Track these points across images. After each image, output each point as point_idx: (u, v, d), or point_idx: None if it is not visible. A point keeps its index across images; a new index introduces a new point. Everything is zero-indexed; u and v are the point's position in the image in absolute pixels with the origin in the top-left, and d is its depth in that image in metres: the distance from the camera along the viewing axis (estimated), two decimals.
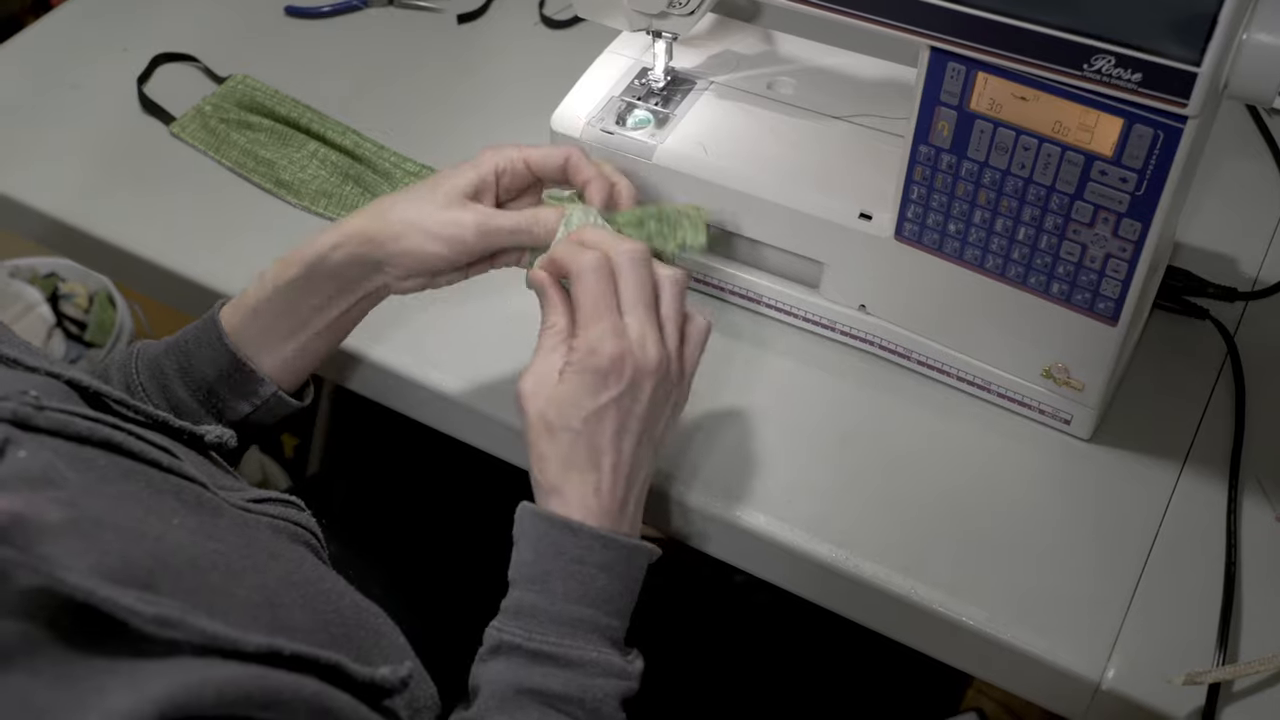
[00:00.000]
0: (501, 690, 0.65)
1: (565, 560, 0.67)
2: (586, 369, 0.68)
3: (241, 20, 1.19)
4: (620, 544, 0.68)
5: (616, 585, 0.68)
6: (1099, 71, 0.67)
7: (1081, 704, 0.74)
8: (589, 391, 0.68)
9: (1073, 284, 0.77)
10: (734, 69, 0.94)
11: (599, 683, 0.65)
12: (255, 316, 0.76)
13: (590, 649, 0.66)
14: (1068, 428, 0.84)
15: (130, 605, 0.44)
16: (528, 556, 0.68)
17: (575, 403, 0.69)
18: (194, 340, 0.77)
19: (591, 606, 0.67)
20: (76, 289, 1.80)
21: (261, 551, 0.59)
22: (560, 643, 0.66)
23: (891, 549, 0.78)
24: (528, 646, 0.66)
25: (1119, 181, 0.71)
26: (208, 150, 1.06)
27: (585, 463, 0.69)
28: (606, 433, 0.69)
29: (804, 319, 0.90)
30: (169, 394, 0.77)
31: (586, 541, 0.67)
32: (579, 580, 0.67)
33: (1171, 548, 0.78)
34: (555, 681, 0.65)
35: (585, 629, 0.67)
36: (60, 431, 0.56)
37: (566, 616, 0.67)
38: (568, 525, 0.67)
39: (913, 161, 0.78)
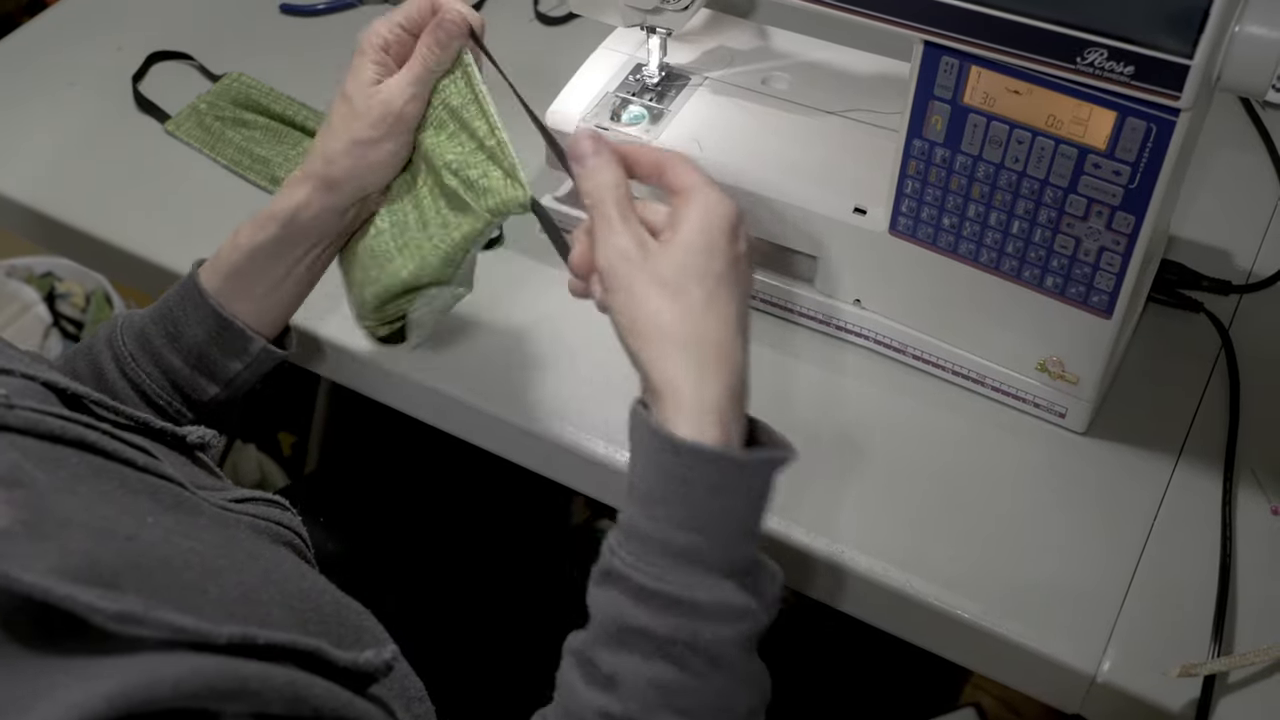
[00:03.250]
0: (608, 624, 0.59)
1: (674, 482, 0.58)
2: (713, 225, 0.61)
3: (236, 18, 1.19)
4: (732, 460, 0.59)
5: (733, 506, 0.59)
6: (1092, 65, 0.67)
7: (1077, 697, 0.74)
8: (725, 238, 0.61)
9: (1067, 277, 0.77)
10: (728, 64, 0.94)
11: (712, 628, 0.58)
12: (235, 277, 0.76)
13: (700, 586, 0.58)
14: (1063, 421, 0.84)
15: (90, 602, 0.44)
16: (638, 468, 0.60)
17: (708, 252, 0.61)
18: (178, 306, 0.77)
19: (701, 534, 0.58)
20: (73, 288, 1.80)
21: (240, 551, 0.58)
22: (664, 577, 0.58)
23: (887, 543, 0.78)
24: (635, 579, 0.58)
25: (1112, 175, 0.71)
26: (203, 148, 1.06)
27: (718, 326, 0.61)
28: (739, 293, 0.62)
29: (798, 314, 0.91)
30: (159, 361, 0.77)
31: (688, 460, 0.58)
32: (687, 505, 0.58)
33: (1167, 540, 0.78)
34: (660, 623, 0.58)
35: (695, 560, 0.58)
36: (31, 430, 0.55)
37: (674, 547, 0.58)
38: (670, 441, 0.58)
39: (907, 156, 0.78)
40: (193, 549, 0.54)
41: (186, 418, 0.78)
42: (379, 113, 0.73)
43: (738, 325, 0.62)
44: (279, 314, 0.79)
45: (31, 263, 1.81)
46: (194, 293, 0.76)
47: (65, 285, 1.80)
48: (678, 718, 0.58)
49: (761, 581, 0.61)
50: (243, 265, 0.76)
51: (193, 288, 0.76)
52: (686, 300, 0.60)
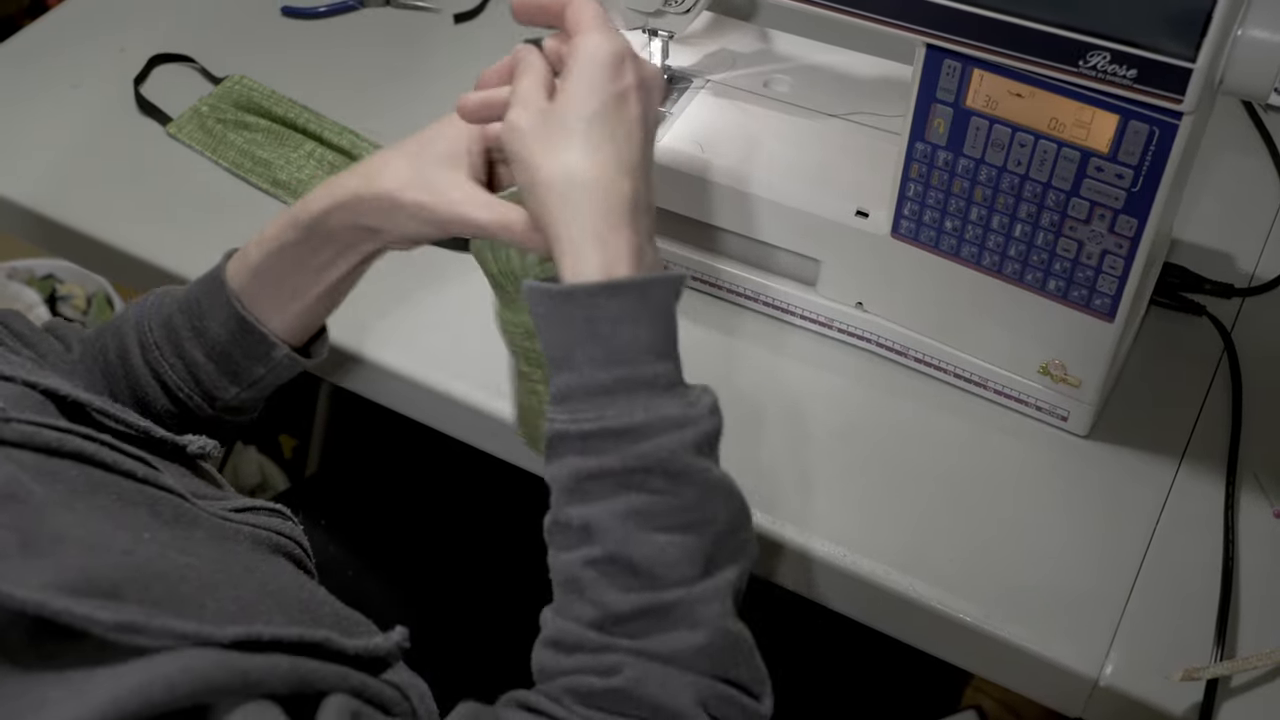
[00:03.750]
0: (567, 483, 0.61)
1: (576, 325, 0.60)
2: (590, 67, 0.64)
3: (238, 21, 1.19)
4: (625, 285, 0.61)
5: (643, 331, 0.61)
6: (1094, 68, 0.67)
7: (1079, 700, 0.74)
8: (605, 79, 0.63)
9: (1069, 281, 0.77)
10: (730, 67, 0.94)
11: (658, 442, 0.59)
12: (259, 277, 0.74)
13: (635, 411, 0.60)
14: (1064, 424, 0.84)
15: (88, 613, 0.43)
16: (546, 336, 0.62)
17: (586, 94, 0.63)
18: (204, 298, 0.75)
19: (623, 365, 0.60)
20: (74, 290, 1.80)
21: (237, 564, 0.58)
22: (602, 415, 0.60)
23: (889, 546, 0.78)
24: (574, 430, 0.60)
25: (1115, 178, 0.71)
26: (205, 151, 1.06)
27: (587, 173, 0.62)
28: (621, 128, 0.64)
29: (801, 317, 0.90)
30: (184, 355, 0.76)
31: (589, 300, 0.60)
32: (599, 342, 0.60)
33: (1169, 544, 0.78)
34: (611, 458, 0.59)
35: (626, 389, 0.60)
36: (27, 443, 0.55)
37: (599, 385, 0.60)
38: (560, 292, 0.61)
39: (909, 159, 0.78)
40: (189, 564, 0.54)
41: (205, 412, 0.77)
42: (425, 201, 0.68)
43: (616, 160, 0.63)
44: (306, 321, 0.77)
45: (33, 265, 1.81)
46: (219, 288, 0.75)
47: (66, 287, 1.80)
48: (658, 536, 0.59)
49: (692, 392, 0.63)
50: (266, 265, 0.74)
51: (219, 283, 0.75)
52: (562, 148, 0.62)
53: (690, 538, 0.60)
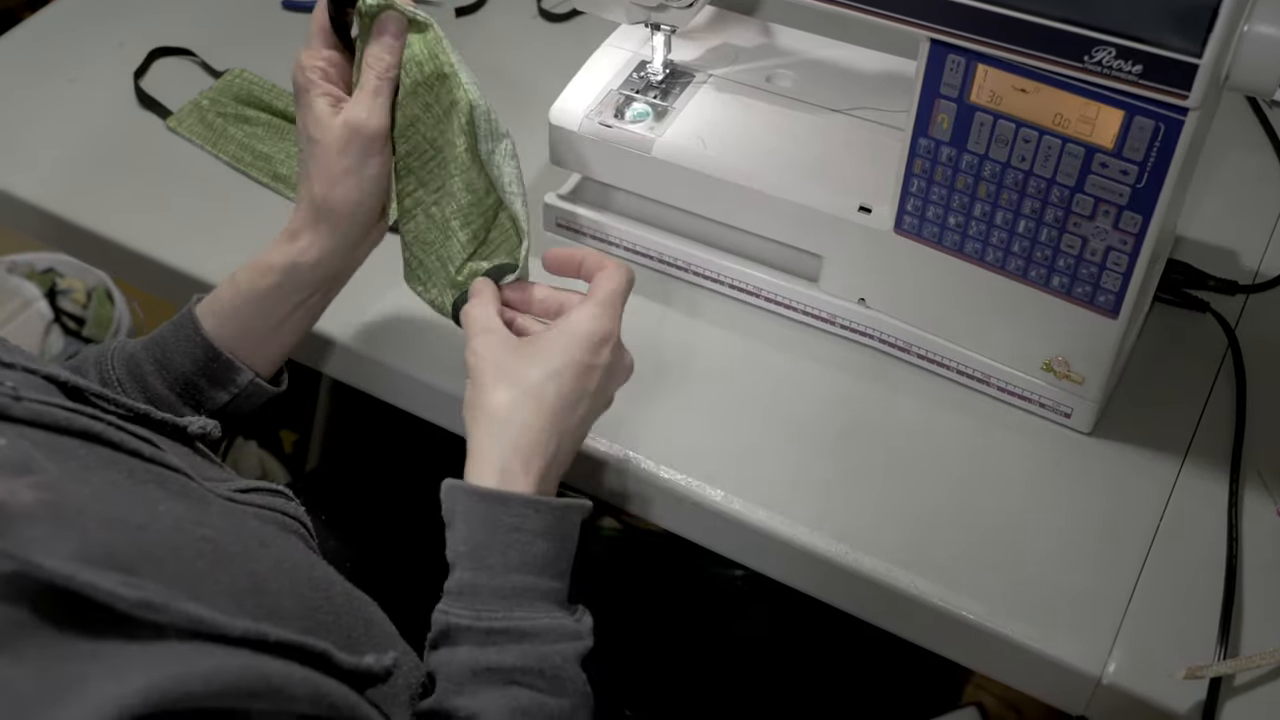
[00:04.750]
0: (458, 674, 0.64)
1: (502, 532, 0.66)
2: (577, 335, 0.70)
3: (238, 14, 1.19)
4: (552, 506, 0.67)
5: (555, 547, 0.67)
6: (1100, 63, 0.66)
7: (1082, 698, 0.74)
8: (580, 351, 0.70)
9: (1073, 277, 0.76)
10: (733, 62, 0.93)
11: (555, 648, 0.64)
12: (233, 318, 0.76)
13: (540, 615, 0.65)
14: (1068, 421, 0.84)
15: (113, 589, 0.44)
16: (461, 532, 0.67)
17: (561, 353, 0.69)
18: (171, 336, 0.77)
19: (533, 573, 0.66)
20: (74, 284, 1.79)
21: (251, 539, 0.59)
22: (509, 615, 0.64)
23: (892, 543, 0.78)
24: (478, 626, 0.64)
25: (1120, 174, 0.70)
26: (205, 144, 1.05)
27: (527, 418, 0.69)
28: (571, 394, 0.70)
29: (803, 312, 0.90)
30: (146, 388, 0.76)
31: (518, 510, 0.66)
32: (517, 550, 0.66)
33: (1172, 541, 0.78)
34: (510, 655, 0.63)
35: (531, 597, 0.65)
36: (37, 421, 0.55)
37: (510, 588, 0.65)
38: (497, 495, 0.66)
39: (912, 154, 0.78)
40: (205, 537, 0.54)
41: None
42: (347, 136, 0.72)
43: (552, 416, 0.69)
44: (276, 353, 0.79)
45: (33, 258, 1.81)
46: (189, 324, 0.76)
47: (67, 281, 1.80)
48: None
49: (579, 612, 0.68)
50: (241, 309, 0.76)
51: (189, 322, 0.76)
52: (512, 386, 0.69)
53: None
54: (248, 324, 0.76)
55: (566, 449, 0.71)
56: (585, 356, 0.70)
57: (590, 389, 0.71)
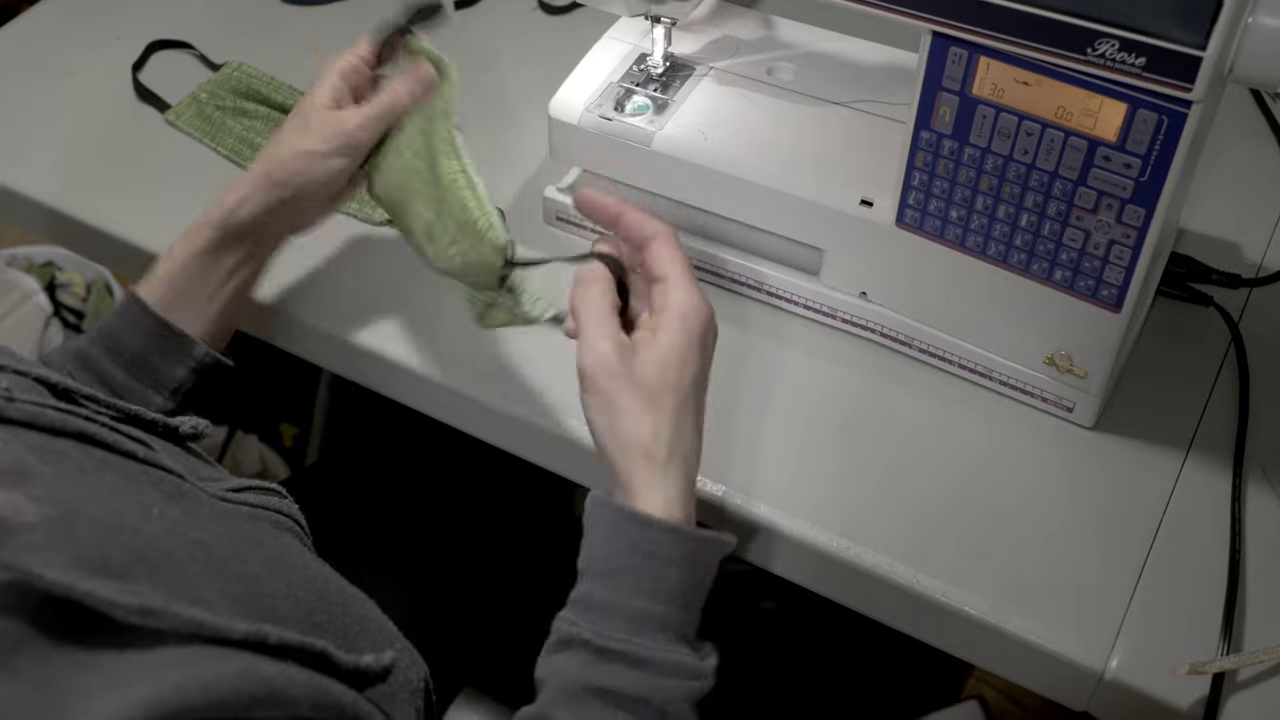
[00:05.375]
0: (568, 686, 0.63)
1: (637, 556, 0.65)
2: (690, 334, 0.67)
3: (237, 6, 1.18)
4: (692, 537, 0.66)
5: (689, 579, 0.66)
6: (1103, 56, 0.66)
7: (1085, 694, 0.74)
8: (698, 348, 0.67)
9: (1076, 271, 0.76)
10: (733, 54, 0.93)
11: (669, 683, 0.63)
12: (172, 288, 0.77)
13: (660, 648, 0.64)
14: (1070, 416, 0.83)
15: (111, 597, 0.44)
16: (600, 549, 0.66)
17: (683, 361, 0.67)
18: (116, 321, 0.78)
19: (663, 603, 0.65)
20: (74, 278, 1.79)
21: (244, 540, 0.59)
22: (630, 640, 0.63)
23: (893, 538, 0.78)
24: (596, 643, 0.63)
25: (1123, 167, 0.70)
26: (203, 138, 1.05)
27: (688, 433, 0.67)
28: (703, 395, 0.68)
29: (804, 306, 0.90)
30: (104, 377, 0.76)
31: (657, 536, 0.65)
32: (650, 576, 0.65)
33: (1175, 536, 0.78)
34: (624, 681, 0.63)
35: (655, 626, 0.64)
36: (32, 423, 0.55)
37: (636, 613, 0.64)
38: (636, 518, 0.65)
39: (914, 147, 0.77)
40: (198, 539, 0.54)
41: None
42: (331, 130, 0.76)
43: (698, 430, 0.69)
44: (217, 328, 0.80)
45: (32, 252, 1.81)
46: (131, 304, 0.77)
47: (66, 275, 1.79)
48: None
49: (705, 650, 0.67)
50: (178, 277, 0.77)
51: (129, 301, 0.77)
52: (661, 412, 0.66)
53: None
54: (185, 290, 0.77)
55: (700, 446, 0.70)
56: (704, 352, 0.69)
57: (707, 378, 0.70)
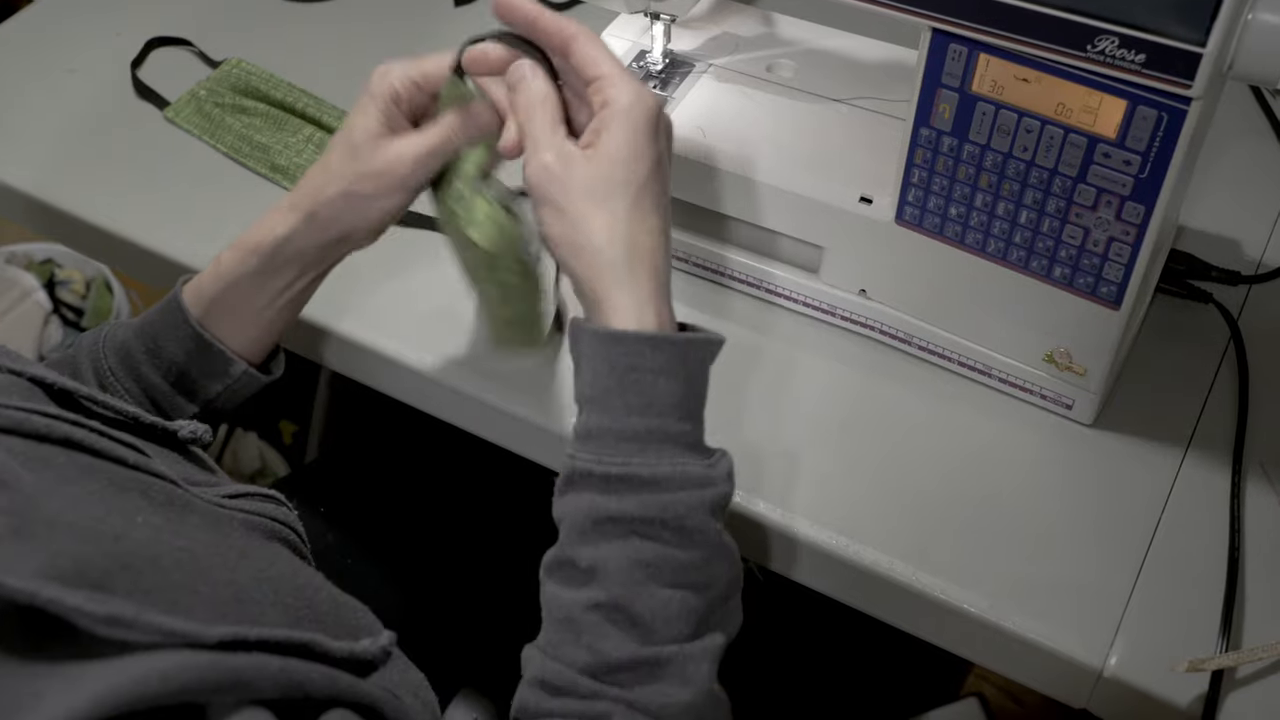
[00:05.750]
0: (580, 522, 0.62)
1: (619, 372, 0.62)
2: (636, 129, 0.64)
3: (236, 3, 1.18)
4: (672, 341, 0.63)
5: (680, 386, 0.63)
6: (1102, 52, 0.66)
7: (1084, 691, 0.74)
8: (647, 141, 0.64)
9: (1075, 268, 0.76)
10: (733, 51, 0.93)
11: (678, 496, 0.61)
12: (218, 304, 0.75)
13: (663, 462, 0.61)
14: (1069, 413, 0.83)
15: (78, 605, 0.43)
16: (586, 376, 0.64)
17: (632, 156, 0.64)
18: (160, 323, 0.76)
19: (656, 416, 0.62)
20: (73, 275, 1.79)
21: (232, 549, 0.58)
22: (628, 461, 0.61)
23: (892, 536, 0.78)
24: (598, 471, 0.61)
25: (1122, 164, 0.70)
26: (202, 135, 1.05)
27: (650, 228, 0.64)
28: (661, 193, 0.65)
29: (803, 304, 0.90)
30: (139, 378, 0.76)
31: (635, 348, 0.62)
32: (637, 391, 0.62)
33: (1174, 534, 0.78)
34: (630, 504, 0.60)
35: (655, 440, 0.62)
36: (15, 429, 0.55)
37: (632, 431, 0.62)
38: (611, 335, 0.63)
39: (914, 144, 0.77)
40: (184, 548, 0.54)
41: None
42: (381, 170, 0.70)
43: (661, 226, 0.65)
44: (264, 338, 0.78)
45: (31, 249, 1.81)
46: (176, 311, 0.75)
47: (65, 272, 1.79)
48: (664, 590, 0.60)
49: (713, 454, 0.64)
50: (225, 294, 0.75)
51: (175, 306, 0.75)
52: (611, 212, 0.63)
53: (690, 596, 0.61)
54: (232, 307, 0.75)
55: (668, 253, 0.66)
56: (655, 145, 0.65)
57: (667, 175, 0.67)
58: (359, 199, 0.71)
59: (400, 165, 0.70)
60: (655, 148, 0.65)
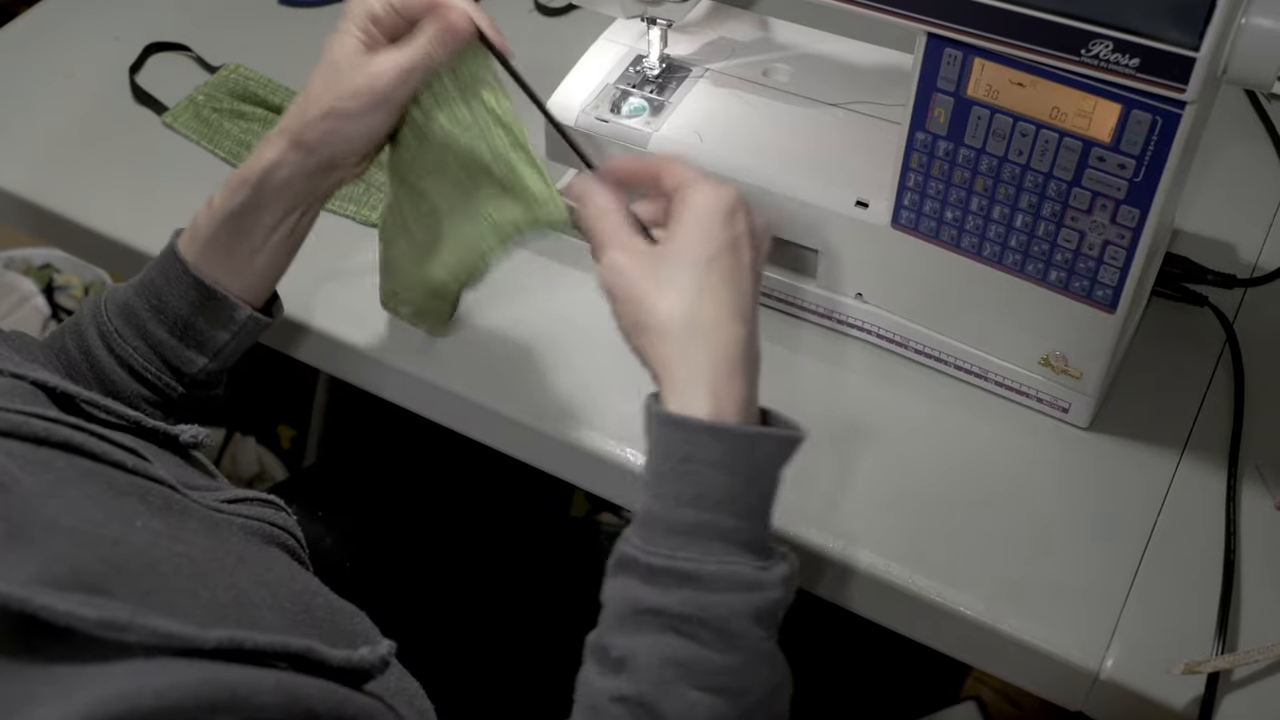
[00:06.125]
0: (620, 609, 0.60)
1: (673, 460, 0.60)
2: (704, 215, 0.64)
3: (234, 9, 1.19)
4: (733, 433, 0.60)
5: (738, 481, 0.60)
6: (1097, 57, 0.66)
7: (1080, 693, 0.74)
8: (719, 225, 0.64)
9: (1070, 271, 0.76)
10: (729, 56, 0.93)
11: (722, 598, 0.58)
12: (212, 244, 0.75)
13: (710, 560, 0.59)
14: (1065, 416, 0.83)
15: (70, 610, 0.43)
16: (649, 458, 0.62)
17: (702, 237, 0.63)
18: (160, 277, 0.76)
19: (709, 510, 0.60)
20: (71, 280, 1.79)
21: (230, 554, 0.58)
22: (674, 555, 0.59)
23: (889, 538, 0.78)
24: (643, 561, 0.60)
25: (1117, 168, 0.70)
26: (200, 140, 1.05)
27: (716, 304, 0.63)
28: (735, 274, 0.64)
29: (800, 307, 0.90)
30: (146, 335, 0.76)
31: (692, 435, 0.60)
32: (691, 482, 0.60)
33: (1170, 536, 0.78)
34: (671, 599, 0.58)
35: (705, 536, 0.59)
36: (15, 433, 0.55)
37: (682, 524, 0.60)
38: (670, 419, 0.61)
39: (909, 149, 0.77)
40: (182, 553, 0.54)
41: (176, 390, 0.77)
42: (362, 86, 0.70)
43: (732, 306, 0.64)
44: (262, 280, 0.77)
45: (30, 254, 1.81)
46: (174, 263, 0.75)
47: (64, 277, 1.79)
48: (693, 691, 0.58)
49: (773, 558, 0.61)
50: (219, 232, 0.74)
51: (172, 258, 0.75)
52: (677, 289, 0.63)
53: (722, 702, 0.58)
54: (227, 247, 0.75)
55: (753, 338, 0.65)
56: (727, 230, 0.64)
57: (745, 261, 0.65)
58: (342, 118, 0.71)
59: (380, 79, 0.70)
60: (729, 231, 0.65)
